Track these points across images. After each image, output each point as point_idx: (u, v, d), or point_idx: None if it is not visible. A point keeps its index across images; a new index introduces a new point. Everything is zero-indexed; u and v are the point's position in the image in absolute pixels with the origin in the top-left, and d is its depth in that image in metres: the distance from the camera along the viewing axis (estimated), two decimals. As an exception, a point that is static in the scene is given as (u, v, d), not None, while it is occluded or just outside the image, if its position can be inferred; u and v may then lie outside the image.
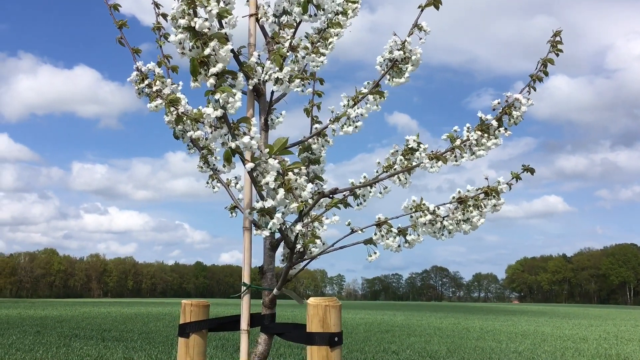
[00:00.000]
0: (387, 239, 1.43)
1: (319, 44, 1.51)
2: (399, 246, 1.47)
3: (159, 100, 1.53)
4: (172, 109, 1.50)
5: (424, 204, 1.46)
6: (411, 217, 1.48)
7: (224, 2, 1.13)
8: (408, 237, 1.47)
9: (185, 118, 1.50)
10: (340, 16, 1.57)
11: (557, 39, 1.53)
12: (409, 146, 1.53)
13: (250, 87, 1.44)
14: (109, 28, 1.56)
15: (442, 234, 1.50)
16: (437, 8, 1.48)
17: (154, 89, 1.52)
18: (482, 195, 1.48)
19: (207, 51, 1.05)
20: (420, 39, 1.49)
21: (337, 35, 1.54)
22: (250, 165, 1.13)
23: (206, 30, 1.04)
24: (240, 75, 1.10)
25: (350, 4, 1.59)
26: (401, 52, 1.47)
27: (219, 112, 1.07)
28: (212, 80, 1.06)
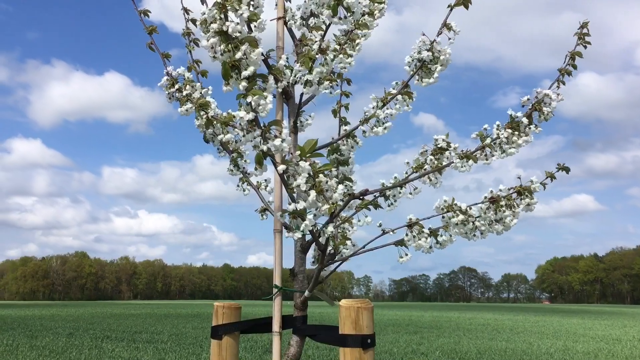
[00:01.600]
0: (419, 239, 1.42)
1: (346, 45, 1.51)
2: (430, 247, 1.46)
3: (189, 105, 1.54)
4: (202, 112, 1.52)
5: (455, 204, 1.45)
6: (443, 217, 1.46)
7: (253, 5, 1.14)
8: (439, 238, 1.46)
9: (215, 122, 1.51)
10: (367, 17, 1.57)
11: (585, 31, 1.51)
12: (439, 146, 1.52)
13: (279, 90, 1.45)
14: (139, 34, 1.59)
15: (474, 235, 1.49)
16: (467, 7, 1.46)
17: (184, 93, 1.54)
18: (514, 195, 1.46)
19: (238, 55, 1.06)
20: (449, 39, 1.48)
21: (364, 36, 1.54)
22: (282, 167, 1.14)
23: (237, 34, 1.05)
24: (271, 78, 1.11)
25: (376, 4, 1.59)
26: (429, 53, 1.46)
27: (251, 115, 1.08)
28: (244, 84, 1.07)
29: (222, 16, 1.06)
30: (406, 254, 1.46)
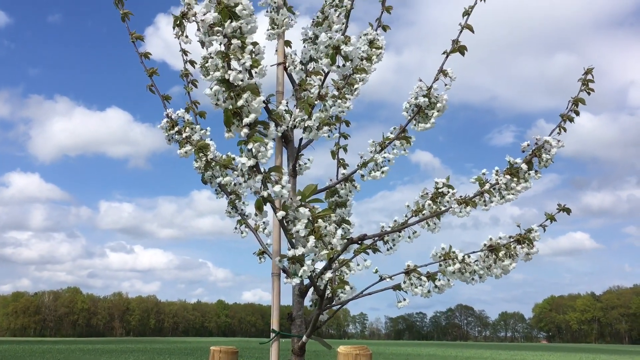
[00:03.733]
0: (416, 287, 1.41)
1: (344, 89, 1.53)
2: (428, 291, 1.45)
3: (189, 147, 1.56)
4: (201, 155, 1.53)
5: (453, 252, 1.44)
6: (440, 265, 1.45)
7: (255, 53, 1.16)
8: (437, 283, 1.45)
9: (214, 164, 1.52)
10: (365, 62, 1.59)
11: (589, 77, 1.50)
12: (439, 190, 1.52)
13: (279, 134, 1.46)
14: (142, 71, 1.61)
15: (473, 279, 1.48)
16: (463, 54, 1.49)
17: (184, 135, 1.56)
18: (514, 244, 1.45)
19: (240, 102, 1.07)
20: (446, 85, 1.50)
21: (362, 80, 1.56)
22: (281, 213, 1.14)
23: (240, 82, 1.06)
24: (272, 125, 1.12)
25: (374, 49, 1.62)
26: (426, 99, 1.48)
27: (252, 162, 1.09)
28: (245, 130, 1.08)
29: (225, 65, 1.07)
30: (404, 299, 1.45)
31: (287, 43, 1.62)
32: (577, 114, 1.50)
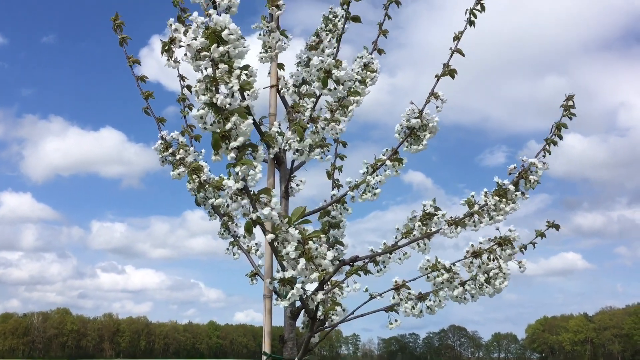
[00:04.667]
0: (406, 302, 1.42)
1: (338, 112, 1.55)
2: (421, 312, 1.46)
3: (182, 168, 1.57)
4: (194, 176, 1.54)
5: (439, 262, 1.46)
6: (428, 277, 1.47)
7: (246, 74, 1.17)
8: (429, 303, 1.46)
9: (207, 185, 1.53)
10: (358, 84, 1.61)
11: (570, 103, 1.55)
12: (427, 211, 1.54)
13: (271, 156, 1.47)
14: (136, 91, 1.63)
15: (465, 297, 1.49)
16: (453, 77, 1.52)
17: (177, 157, 1.57)
18: (495, 247, 1.47)
19: (228, 126, 1.08)
20: (437, 107, 1.52)
21: (356, 102, 1.58)
22: (270, 236, 1.15)
23: (227, 105, 1.08)
24: (261, 148, 1.13)
25: (369, 72, 1.64)
26: (418, 120, 1.50)
27: (240, 185, 1.09)
28: (232, 154, 1.09)
29: (213, 88, 1.09)
30: (396, 320, 1.46)
31: (280, 66, 1.64)
32: (561, 137, 1.54)
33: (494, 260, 1.46)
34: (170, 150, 1.59)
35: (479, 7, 1.50)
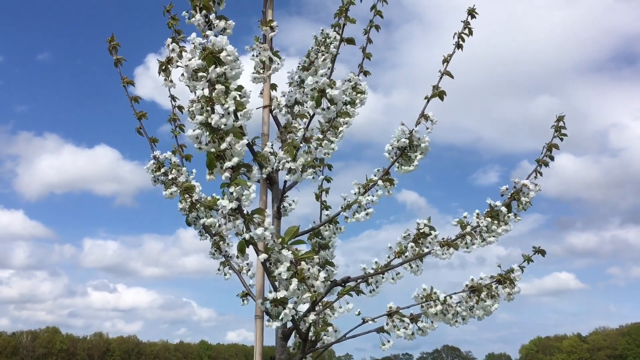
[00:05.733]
0: (399, 329, 1.41)
1: (329, 132, 1.56)
2: (412, 334, 1.45)
3: (174, 188, 1.57)
4: (186, 196, 1.54)
5: (434, 293, 1.45)
6: (422, 306, 1.46)
7: (240, 96, 1.18)
8: (420, 325, 1.45)
9: (199, 205, 1.53)
10: (348, 106, 1.62)
11: (561, 123, 1.57)
12: (421, 230, 1.54)
13: (264, 176, 1.48)
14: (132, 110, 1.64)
15: (456, 320, 1.48)
16: (442, 99, 1.53)
17: (170, 177, 1.57)
18: (495, 284, 1.47)
19: (223, 146, 1.09)
20: (427, 128, 1.53)
21: (346, 123, 1.59)
22: (263, 256, 1.14)
23: (222, 126, 1.08)
24: (255, 168, 1.13)
25: (358, 94, 1.66)
26: (406, 140, 1.51)
27: (234, 204, 1.09)
28: (227, 174, 1.09)
29: (209, 109, 1.09)
30: (388, 341, 1.45)
31: (273, 86, 1.65)
32: (552, 158, 1.55)
33: (492, 297, 1.45)
34: (162, 170, 1.59)
35: (466, 31, 1.52)
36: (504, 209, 1.49)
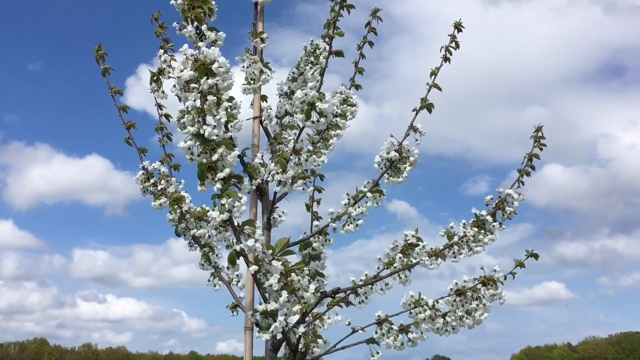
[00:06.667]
0: (388, 337, 1.42)
1: (319, 144, 1.57)
2: (402, 344, 1.46)
3: (164, 199, 1.57)
4: (175, 207, 1.54)
5: (422, 299, 1.46)
6: (410, 313, 1.47)
7: (231, 107, 1.19)
8: (411, 335, 1.46)
9: (188, 216, 1.53)
10: (339, 118, 1.64)
11: (540, 134, 1.59)
12: (409, 241, 1.55)
13: (254, 187, 1.48)
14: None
15: (446, 330, 1.49)
16: (430, 111, 1.55)
17: (159, 187, 1.57)
18: (479, 286, 1.48)
19: (215, 157, 1.09)
20: (416, 140, 1.54)
21: (336, 136, 1.60)
22: (253, 268, 1.15)
23: (214, 137, 1.09)
24: (246, 179, 1.14)
25: (349, 107, 1.67)
26: (395, 154, 1.52)
27: (225, 216, 1.10)
28: (218, 185, 1.10)
29: (200, 120, 1.10)
30: (377, 352, 1.46)
31: (263, 98, 1.65)
32: (533, 168, 1.58)
33: (477, 299, 1.47)
34: (152, 181, 1.59)
35: (453, 44, 1.54)
36: (489, 219, 1.51)
